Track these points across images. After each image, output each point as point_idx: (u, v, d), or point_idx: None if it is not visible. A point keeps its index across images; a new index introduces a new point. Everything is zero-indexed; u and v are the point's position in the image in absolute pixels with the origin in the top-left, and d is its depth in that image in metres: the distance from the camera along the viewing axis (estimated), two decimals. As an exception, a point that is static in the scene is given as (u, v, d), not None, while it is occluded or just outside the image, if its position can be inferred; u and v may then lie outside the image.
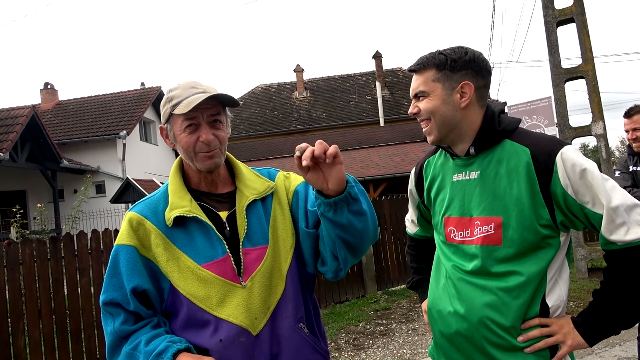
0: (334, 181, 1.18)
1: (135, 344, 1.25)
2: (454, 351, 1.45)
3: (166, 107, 1.34)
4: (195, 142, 1.30)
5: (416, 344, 4.86)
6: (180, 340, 1.23)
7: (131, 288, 1.27)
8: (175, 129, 1.33)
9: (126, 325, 1.28)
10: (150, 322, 1.30)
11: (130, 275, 1.27)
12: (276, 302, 1.32)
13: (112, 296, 1.29)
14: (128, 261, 1.28)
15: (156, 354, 1.19)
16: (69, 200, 16.17)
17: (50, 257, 4.72)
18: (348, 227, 1.22)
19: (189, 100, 1.28)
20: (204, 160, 1.31)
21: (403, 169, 14.64)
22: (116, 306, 1.29)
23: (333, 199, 1.19)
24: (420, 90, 1.45)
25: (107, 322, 1.30)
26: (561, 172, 1.30)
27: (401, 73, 25.35)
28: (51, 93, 20.26)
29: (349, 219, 1.21)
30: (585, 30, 6.53)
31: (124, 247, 1.30)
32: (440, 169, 1.57)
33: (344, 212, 1.20)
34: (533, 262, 1.36)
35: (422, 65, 1.44)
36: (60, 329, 4.69)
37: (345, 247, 1.28)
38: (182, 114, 1.28)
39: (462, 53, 1.41)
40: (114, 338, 1.28)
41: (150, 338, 1.24)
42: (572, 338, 1.34)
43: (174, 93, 1.33)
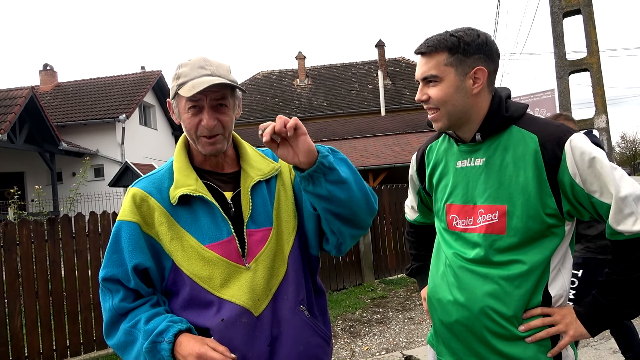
0: (302, 153, 1.18)
1: (135, 322, 1.23)
2: (454, 340, 1.44)
3: (173, 83, 1.30)
4: (197, 125, 1.27)
5: (412, 333, 4.87)
6: (180, 320, 1.22)
7: (133, 265, 1.24)
8: (180, 108, 1.30)
9: (125, 302, 1.25)
10: (149, 300, 1.28)
11: (133, 252, 1.25)
12: (278, 284, 1.31)
13: (112, 272, 1.26)
14: (130, 238, 1.26)
15: (157, 334, 1.18)
16: (67, 182, 16.14)
17: (47, 238, 4.70)
18: (330, 197, 1.21)
19: (194, 83, 1.24)
20: (205, 146, 1.29)
21: (403, 159, 14.61)
22: (116, 282, 1.27)
23: (307, 171, 1.18)
24: (431, 74, 1.36)
25: (105, 298, 1.28)
26: (570, 160, 1.27)
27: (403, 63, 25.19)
28: (50, 74, 20.11)
29: (329, 190, 1.20)
30: (591, 22, 6.46)
31: (127, 223, 1.27)
32: (443, 154, 1.53)
33: (321, 183, 1.19)
34: (537, 251, 1.33)
35: (433, 47, 1.35)
36: (57, 310, 4.70)
37: (336, 218, 1.27)
38: (185, 96, 1.24)
39: (475, 35, 1.34)
40: (113, 315, 1.26)
41: (150, 316, 1.23)
42: (574, 328, 1.32)
43: (182, 71, 1.29)
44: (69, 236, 4.84)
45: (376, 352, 4.43)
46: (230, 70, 1.33)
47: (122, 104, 17.56)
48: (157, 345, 1.17)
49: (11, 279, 4.47)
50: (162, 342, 1.16)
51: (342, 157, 1.30)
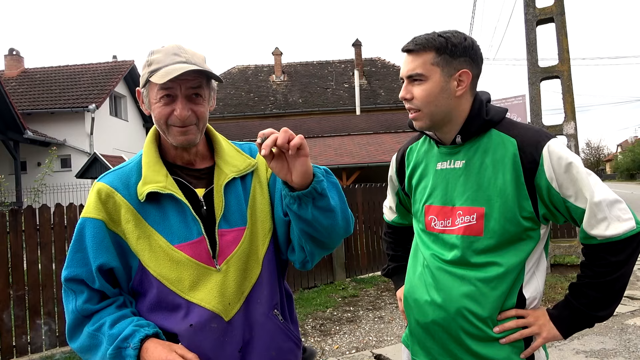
0: (298, 174, 1.12)
1: (99, 325, 1.16)
2: (429, 340, 1.44)
3: (144, 71, 1.22)
4: (169, 115, 1.19)
5: (382, 332, 4.90)
6: (148, 325, 1.15)
7: (97, 265, 1.17)
8: (151, 97, 1.21)
9: (89, 304, 1.19)
10: (115, 301, 1.22)
11: (97, 252, 1.18)
12: (251, 287, 1.26)
13: (76, 272, 1.19)
14: (95, 236, 1.18)
15: (122, 339, 1.11)
16: (32, 173, 15.58)
17: (9, 230, 4.52)
18: (313, 222, 1.17)
19: (167, 69, 1.16)
20: (176, 136, 1.21)
21: (377, 159, 14.70)
22: (79, 283, 1.20)
23: (297, 192, 1.13)
24: (417, 72, 1.35)
25: (68, 299, 1.21)
26: (547, 164, 1.29)
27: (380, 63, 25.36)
28: (16, 60, 19.35)
29: (314, 215, 1.15)
30: (564, 30, 6.63)
31: (91, 220, 1.20)
32: (423, 156, 1.54)
33: (308, 207, 1.14)
34: (513, 253, 1.35)
35: (420, 46, 1.35)
36: (18, 305, 4.52)
37: (311, 241, 1.23)
38: (157, 83, 1.17)
39: (462, 38, 1.35)
40: (76, 317, 1.19)
41: (115, 320, 1.16)
42: (547, 330, 1.34)
43: (155, 57, 1.21)
44: (33, 228, 4.66)
45: (346, 351, 4.44)
46: (205, 60, 1.26)
47: (92, 93, 17.07)
48: (122, 351, 1.10)
49: (-31, 272, 4.28)
50: (127, 347, 1.09)
51: (334, 181, 1.26)
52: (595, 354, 3.98)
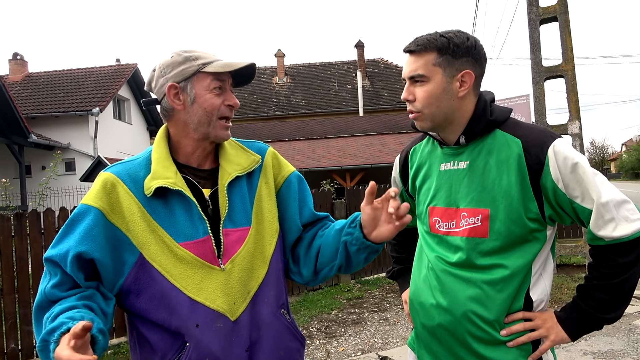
0: (379, 234, 1.23)
1: (49, 314, 1.09)
2: (436, 343, 1.42)
3: (188, 65, 1.23)
4: (219, 106, 1.25)
5: (387, 334, 4.88)
6: (82, 317, 1.05)
7: (78, 252, 1.13)
8: (199, 88, 1.23)
9: (58, 289, 1.14)
10: (82, 291, 1.15)
11: (82, 239, 1.14)
12: (257, 286, 1.25)
13: (53, 254, 1.15)
14: (87, 223, 1.15)
15: (48, 331, 1.03)
16: (37, 176, 15.64)
17: (14, 234, 4.53)
18: (355, 264, 1.31)
19: (224, 62, 1.24)
20: (221, 130, 1.27)
21: (380, 160, 14.69)
22: (55, 265, 1.16)
23: (369, 243, 1.24)
24: (418, 73, 1.34)
25: (43, 279, 1.17)
26: (552, 165, 1.27)
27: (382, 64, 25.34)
28: (20, 64, 19.46)
29: (362, 260, 1.29)
30: (567, 29, 6.59)
31: (88, 207, 1.17)
32: (427, 157, 1.52)
33: (365, 254, 1.27)
34: (518, 255, 1.33)
35: (422, 46, 1.33)
36: (23, 308, 4.53)
37: (335, 270, 1.34)
38: (213, 73, 1.23)
39: (464, 38, 1.33)
40: (42, 299, 1.14)
41: (61, 311, 1.07)
42: (555, 333, 1.32)
43: (196, 53, 1.26)
44: (38, 232, 4.67)
45: (352, 353, 4.42)
46: None
47: (95, 96, 17.14)
48: (48, 345, 1.02)
49: (-25, 276, 4.29)
50: (50, 342, 1.01)
51: None
52: (603, 355, 3.95)
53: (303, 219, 1.40)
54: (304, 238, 1.40)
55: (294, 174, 1.42)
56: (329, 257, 1.32)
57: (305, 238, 1.40)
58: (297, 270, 1.41)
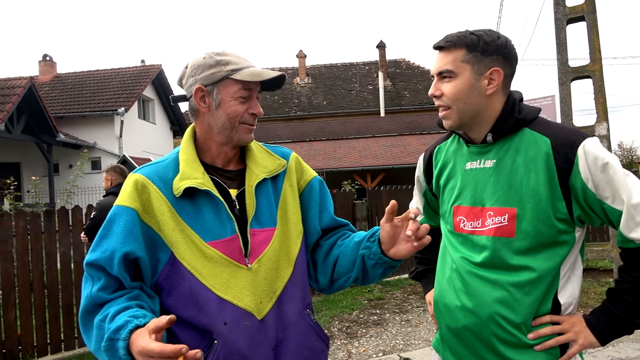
0: (397, 252, 1.24)
1: (104, 316, 1.12)
2: (460, 346, 1.42)
3: (217, 69, 1.24)
4: (244, 112, 1.27)
5: (409, 335, 4.86)
6: (144, 315, 1.08)
7: (123, 253, 1.15)
8: (225, 94, 1.25)
9: (104, 292, 1.16)
10: (129, 292, 1.18)
11: (125, 239, 1.16)
12: (283, 286, 1.27)
13: (97, 257, 1.17)
14: (126, 224, 1.18)
15: (114, 330, 1.06)
16: (64, 174, 16.05)
17: (44, 230, 4.66)
18: (371, 277, 1.32)
19: (254, 71, 1.25)
20: (245, 133, 1.29)
21: (401, 161, 14.61)
22: (99, 269, 1.17)
23: (387, 259, 1.25)
24: (446, 69, 1.35)
25: (86, 284, 1.19)
26: (582, 165, 1.26)
27: (404, 64, 25.19)
28: (50, 65, 19.99)
29: (379, 274, 1.31)
30: (595, 29, 6.46)
31: (124, 208, 1.20)
32: (452, 155, 1.51)
33: (381, 270, 1.28)
34: (546, 257, 1.31)
35: (451, 43, 1.34)
36: (52, 303, 4.66)
37: (351, 281, 1.36)
38: (241, 81, 1.24)
39: (495, 36, 1.33)
40: (89, 303, 1.16)
41: (118, 311, 1.11)
42: (584, 337, 1.31)
43: (227, 58, 1.26)
44: (66, 229, 4.80)
45: (373, 354, 4.41)
46: None
47: (121, 97, 17.48)
48: (115, 343, 1.05)
49: (6, 271, 4.44)
50: (118, 340, 1.04)
51: None
52: (631, 362, 3.86)
53: (323, 222, 1.42)
54: (323, 245, 1.42)
55: (316, 179, 1.44)
56: (346, 268, 1.33)
57: (324, 245, 1.42)
58: (314, 275, 1.43)
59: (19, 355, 4.44)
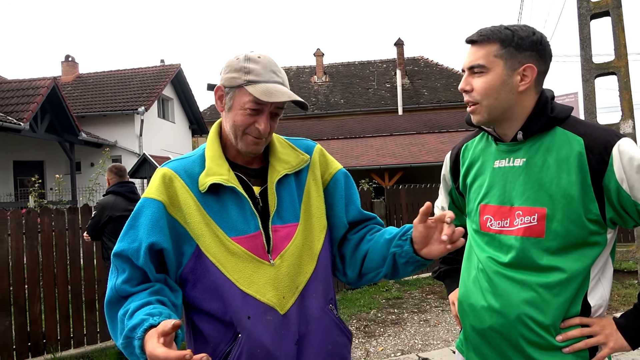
0: (429, 251, 1.23)
1: (125, 311, 1.13)
2: (486, 346, 1.40)
3: (238, 75, 1.24)
4: (249, 125, 1.24)
5: (428, 335, 4.82)
6: (159, 314, 1.08)
7: (149, 243, 1.17)
8: (237, 102, 1.24)
9: (128, 284, 1.18)
10: (151, 286, 1.19)
11: (151, 230, 1.18)
12: (305, 281, 1.27)
13: (124, 247, 1.19)
14: (152, 215, 1.20)
15: (130, 328, 1.07)
16: (85, 173, 16.36)
17: (68, 227, 4.75)
18: (401, 274, 1.32)
19: (269, 88, 1.21)
20: (249, 144, 1.26)
21: (420, 159, 14.50)
22: (125, 260, 1.20)
23: (418, 258, 1.24)
24: (478, 63, 1.32)
25: (111, 276, 1.22)
26: (617, 165, 1.22)
27: (422, 62, 24.99)
28: (72, 65, 20.36)
29: (408, 272, 1.31)
30: (620, 24, 6.30)
31: (151, 200, 1.22)
32: (480, 153, 1.49)
33: (412, 268, 1.29)
34: (577, 258, 1.29)
35: (485, 37, 1.31)
36: (75, 298, 4.75)
37: (381, 277, 1.35)
38: (252, 95, 1.20)
39: (530, 32, 1.30)
40: (113, 295, 1.19)
41: (137, 307, 1.12)
42: (614, 340, 1.28)
43: (254, 67, 1.23)
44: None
45: (391, 353, 4.39)
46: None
47: (141, 96, 17.71)
48: (132, 341, 1.06)
49: (32, 266, 4.53)
50: (134, 338, 1.06)
51: None
52: (658, 365, 3.76)
53: (349, 216, 1.41)
54: (351, 239, 1.41)
55: (340, 171, 1.43)
56: (376, 263, 1.33)
57: (353, 239, 1.41)
58: (342, 269, 1.43)
59: (44, 348, 4.54)
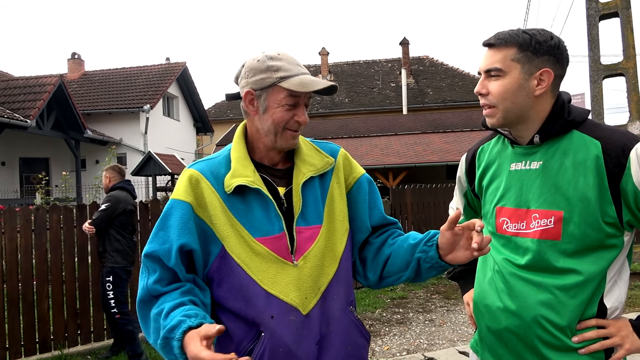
0: (454, 258, 1.24)
1: (160, 310, 1.17)
2: (501, 347, 1.40)
3: (267, 74, 1.26)
4: (289, 119, 1.28)
5: (433, 335, 4.83)
6: (196, 315, 1.12)
7: (179, 245, 1.20)
8: (272, 101, 1.27)
9: (159, 284, 1.21)
10: (182, 286, 1.22)
11: (181, 231, 1.21)
12: (327, 283, 1.29)
13: (155, 248, 1.22)
14: (181, 217, 1.23)
15: (169, 329, 1.11)
16: (91, 170, 16.42)
17: (76, 224, 4.78)
18: (423, 278, 1.33)
19: (303, 80, 1.25)
20: (288, 139, 1.30)
21: (424, 159, 14.50)
22: (155, 261, 1.23)
23: (443, 264, 1.26)
24: (495, 67, 1.33)
25: (142, 275, 1.25)
26: (635, 168, 1.23)
27: (428, 61, 24.96)
28: (78, 63, 20.47)
29: (430, 276, 1.33)
30: (629, 25, 6.29)
31: (180, 202, 1.25)
32: (496, 156, 1.50)
33: (435, 272, 1.30)
34: (593, 261, 1.29)
35: (502, 40, 1.32)
36: (83, 295, 4.77)
37: (403, 280, 1.37)
38: (288, 90, 1.25)
39: (548, 37, 1.31)
40: (145, 294, 1.22)
41: (172, 307, 1.15)
42: (630, 341, 1.28)
43: (280, 64, 1.27)
44: (97, 223, 4.90)
45: (397, 353, 4.40)
46: None
47: (146, 94, 17.77)
48: (170, 342, 1.10)
49: (40, 263, 4.56)
50: (173, 339, 1.09)
51: None
52: (665, 368, 3.76)
53: (373, 220, 1.43)
54: (373, 243, 1.43)
55: (364, 176, 1.46)
56: (399, 268, 1.35)
57: (374, 243, 1.43)
58: (362, 272, 1.44)
59: (52, 345, 4.56)
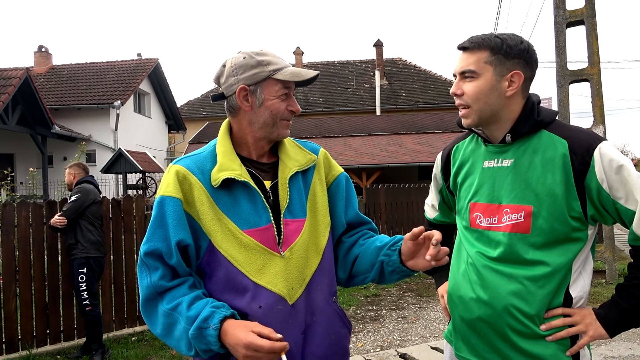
0: (415, 264, 1.32)
1: (175, 304, 1.21)
2: (474, 336, 1.47)
3: (259, 69, 1.31)
4: (284, 110, 1.34)
5: (406, 331, 4.93)
6: (222, 306, 1.20)
7: (177, 241, 1.23)
8: (268, 93, 1.32)
9: (164, 280, 1.23)
10: (186, 280, 1.27)
11: (177, 228, 1.24)
12: (311, 274, 1.33)
13: (156, 246, 1.24)
14: (175, 213, 1.25)
15: (202, 320, 1.16)
16: (58, 167, 15.96)
17: (46, 220, 4.66)
18: (388, 281, 1.41)
19: (293, 70, 1.33)
20: (283, 129, 1.36)
21: (397, 160, 14.70)
22: (157, 258, 1.24)
23: (404, 269, 1.34)
24: (469, 69, 1.40)
25: (143, 274, 1.26)
26: (598, 166, 1.31)
27: (401, 63, 25.27)
28: (45, 56, 19.83)
29: (394, 280, 1.40)
30: (594, 33, 6.55)
31: (171, 198, 1.26)
32: (470, 154, 1.57)
33: (398, 276, 1.37)
34: (560, 253, 1.37)
35: (476, 44, 1.40)
36: (52, 294, 4.66)
37: (368, 281, 1.44)
38: (281, 81, 1.31)
39: (518, 41, 1.39)
40: (150, 292, 1.24)
41: (191, 301, 1.21)
42: (593, 329, 1.37)
43: (268, 58, 1.33)
44: (68, 220, 4.79)
45: (371, 349, 4.47)
46: None
47: (117, 90, 17.39)
48: (204, 331, 1.15)
49: (8, 262, 4.44)
50: (208, 327, 1.15)
51: None
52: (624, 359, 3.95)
53: (348, 217, 1.49)
54: (345, 242, 1.49)
55: (342, 174, 1.51)
56: (365, 268, 1.41)
57: (346, 243, 1.49)
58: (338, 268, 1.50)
59: (19, 345, 4.45)
